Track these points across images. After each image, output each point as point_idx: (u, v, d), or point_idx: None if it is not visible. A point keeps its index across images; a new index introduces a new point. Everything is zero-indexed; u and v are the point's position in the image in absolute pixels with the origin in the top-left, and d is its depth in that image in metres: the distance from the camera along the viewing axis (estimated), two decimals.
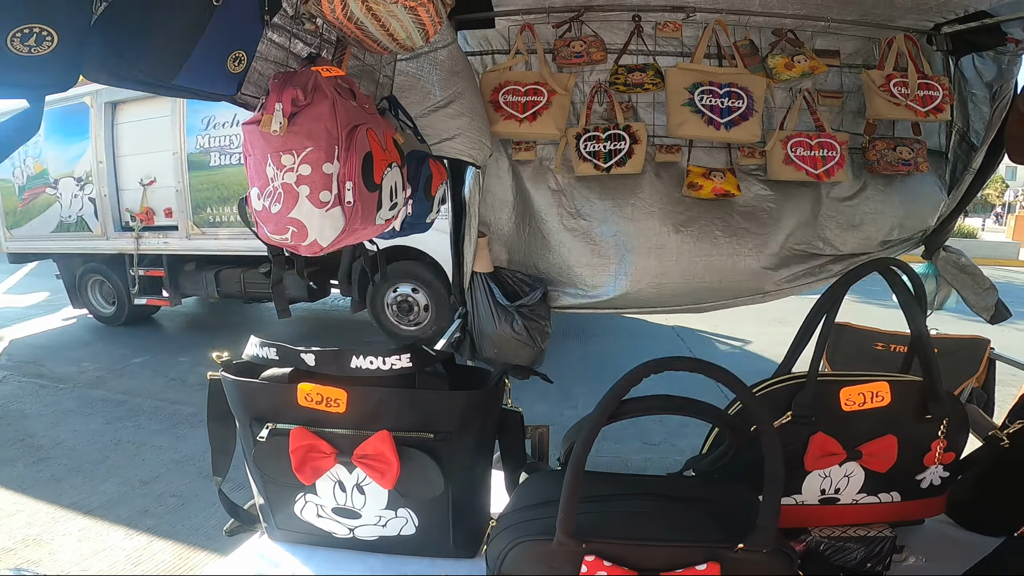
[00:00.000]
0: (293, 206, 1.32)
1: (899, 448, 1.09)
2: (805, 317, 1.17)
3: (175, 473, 4.04)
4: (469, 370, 1.29)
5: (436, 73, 2.29)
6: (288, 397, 1.10)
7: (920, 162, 2.53)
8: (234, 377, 1.14)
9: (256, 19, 1.17)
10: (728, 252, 2.59)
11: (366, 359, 1.12)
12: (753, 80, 2.47)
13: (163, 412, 5.02)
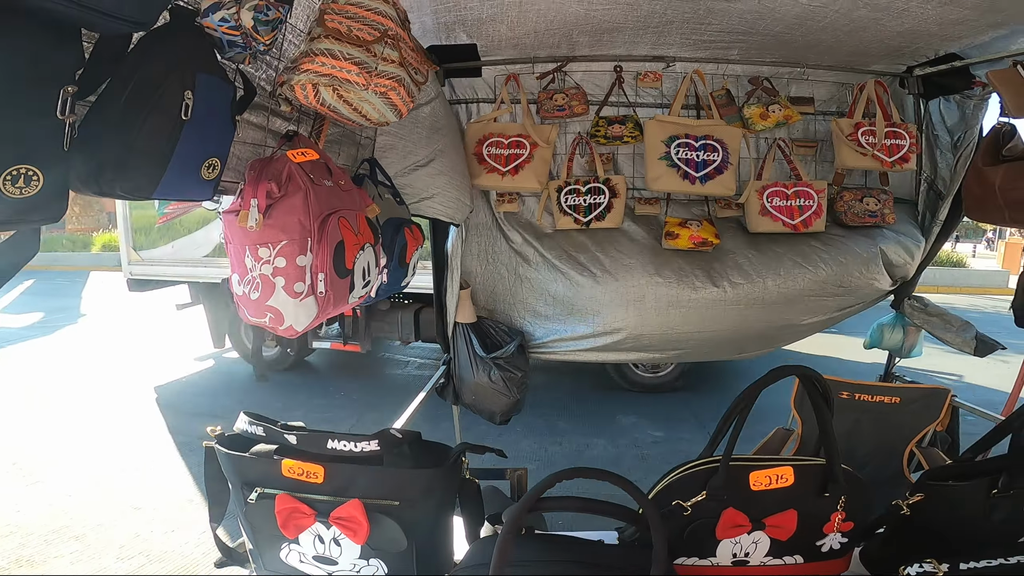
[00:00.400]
0: (270, 295, 1.40)
1: (800, 520, 1.23)
2: (727, 410, 1.30)
3: (167, 500, 4.07)
4: (433, 447, 1.41)
5: (417, 131, 2.32)
6: (274, 469, 1.23)
7: (887, 213, 2.57)
8: (226, 450, 1.27)
9: (227, 125, 1.19)
10: (709, 303, 2.58)
11: (340, 442, 1.25)
12: (729, 132, 2.51)
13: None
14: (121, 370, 7.07)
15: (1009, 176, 2.08)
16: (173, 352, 7.83)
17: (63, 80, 0.88)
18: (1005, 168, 2.10)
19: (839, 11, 2.02)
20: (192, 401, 5.84)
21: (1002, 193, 2.09)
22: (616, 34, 2.39)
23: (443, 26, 2.30)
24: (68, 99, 0.88)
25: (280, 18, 1.17)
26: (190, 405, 5.74)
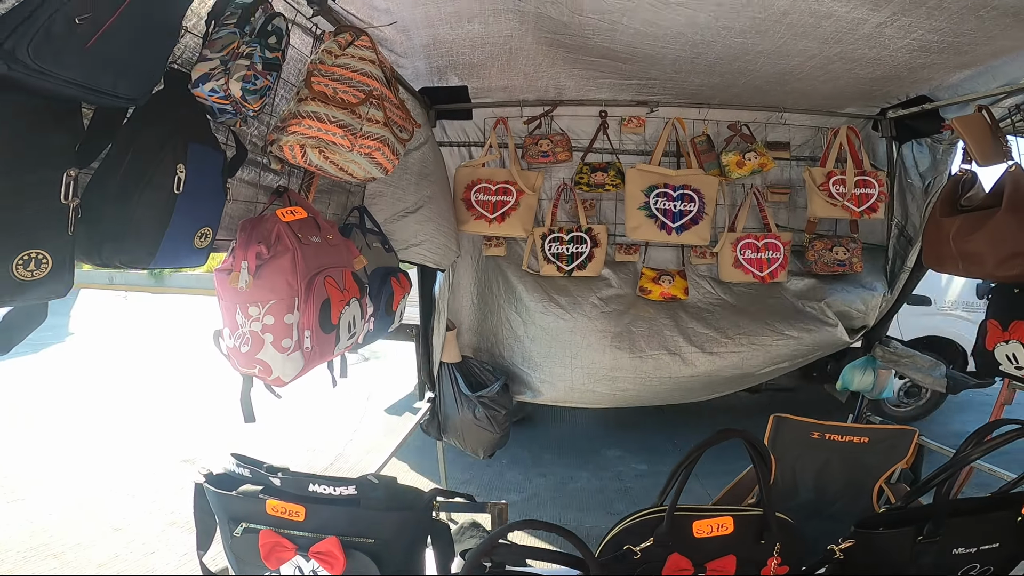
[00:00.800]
0: (259, 349, 1.43)
1: (739, 564, 1.31)
2: (676, 464, 1.37)
3: (149, 522, 4.02)
4: (407, 491, 1.47)
5: (407, 177, 2.36)
6: (258, 507, 1.31)
7: (855, 262, 2.64)
8: (215, 489, 1.34)
9: (218, 194, 1.22)
10: (677, 351, 2.67)
11: (320, 486, 1.33)
12: (706, 181, 2.58)
13: None
14: (107, 390, 6.96)
15: (964, 228, 2.10)
16: (161, 371, 7.74)
17: (65, 161, 0.92)
18: (961, 219, 2.13)
19: (815, 65, 2.11)
20: (178, 423, 5.77)
21: (956, 244, 2.12)
22: (602, 81, 2.46)
23: (435, 69, 2.36)
24: (71, 183, 0.91)
25: (268, 86, 1.20)
26: (175, 427, 5.66)
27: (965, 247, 2.08)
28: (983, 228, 1.99)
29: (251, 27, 1.15)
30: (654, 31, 1.91)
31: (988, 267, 2.01)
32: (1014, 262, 1.92)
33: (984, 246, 1.99)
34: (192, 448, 5.04)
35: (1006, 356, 2.11)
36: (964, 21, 1.69)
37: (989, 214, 1.99)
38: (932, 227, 2.28)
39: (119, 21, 0.88)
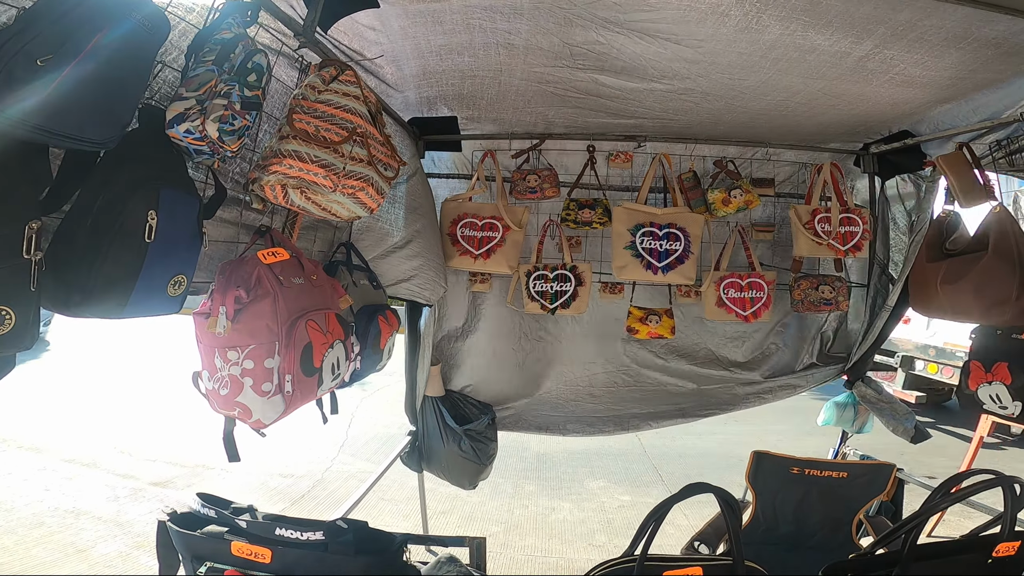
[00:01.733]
0: (239, 393, 1.34)
1: None
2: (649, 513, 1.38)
3: (114, 546, 3.80)
4: (378, 535, 1.44)
5: (394, 211, 2.27)
6: (223, 548, 1.29)
7: (840, 300, 2.60)
8: (178, 528, 1.31)
9: (193, 240, 1.12)
10: (660, 381, 2.66)
11: (287, 530, 1.31)
12: (691, 219, 2.53)
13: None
14: (81, 407, 6.66)
15: (950, 273, 2.07)
16: (139, 388, 7.45)
17: (28, 213, 0.85)
18: (947, 264, 2.11)
19: (800, 101, 2.09)
20: (149, 445, 5.53)
21: (942, 290, 2.08)
22: (591, 118, 2.42)
23: (425, 100, 2.31)
24: (33, 236, 0.84)
25: (247, 125, 1.11)
26: (147, 450, 5.43)
27: (951, 294, 2.05)
28: (969, 274, 1.96)
29: (230, 64, 1.06)
30: (641, 66, 1.88)
31: (975, 314, 1.98)
32: (1002, 308, 1.88)
33: (970, 293, 1.96)
34: (165, 470, 4.81)
35: (990, 396, 2.08)
36: (945, 54, 1.68)
37: (975, 259, 1.96)
38: (918, 272, 2.25)
39: (84, 63, 0.80)
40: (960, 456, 4.12)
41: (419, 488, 3.13)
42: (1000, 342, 2.06)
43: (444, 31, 1.77)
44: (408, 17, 1.70)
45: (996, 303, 1.89)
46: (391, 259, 2.23)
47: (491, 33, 1.77)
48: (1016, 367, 1.97)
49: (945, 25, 1.52)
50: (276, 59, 1.45)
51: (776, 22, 1.56)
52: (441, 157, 2.76)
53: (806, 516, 2.55)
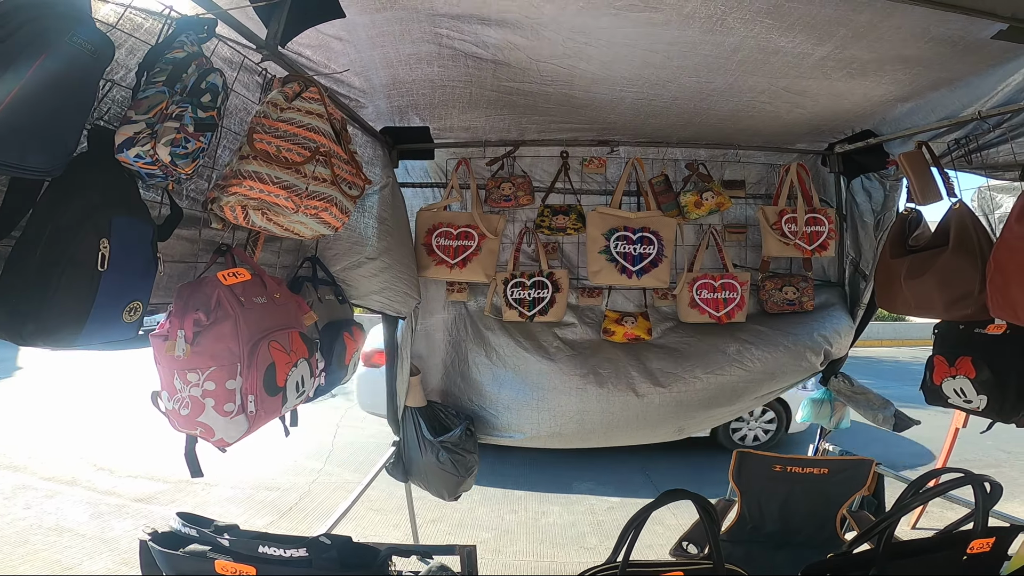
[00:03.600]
0: (200, 413, 1.32)
1: None
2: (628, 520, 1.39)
3: (96, 561, 3.72)
4: (362, 549, 1.43)
5: (364, 221, 2.25)
6: (207, 567, 1.28)
7: (805, 301, 2.62)
8: (160, 548, 1.30)
9: (148, 266, 1.10)
10: (643, 391, 2.60)
11: (270, 548, 1.30)
12: (664, 222, 2.54)
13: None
14: (57, 426, 6.52)
15: (913, 269, 2.09)
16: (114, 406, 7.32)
17: None
18: (910, 260, 2.12)
19: (765, 101, 2.11)
20: (130, 462, 5.44)
21: (907, 285, 2.10)
22: (563, 124, 2.42)
23: (396, 109, 2.29)
24: None
25: (202, 147, 1.09)
26: (128, 466, 5.33)
27: (915, 288, 2.06)
28: (931, 269, 1.98)
29: (182, 85, 1.04)
30: (611, 75, 1.88)
31: (938, 308, 1.99)
32: (964, 303, 1.90)
33: (933, 288, 1.97)
34: (148, 486, 4.73)
35: (954, 390, 2.10)
36: (903, 53, 1.70)
37: (936, 254, 1.98)
38: (883, 268, 2.27)
39: (23, 91, 0.78)
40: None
41: (407, 497, 3.11)
42: (963, 336, 2.08)
43: (412, 40, 1.76)
44: (375, 27, 1.69)
45: (958, 298, 1.91)
46: (361, 271, 2.20)
47: (459, 43, 1.76)
48: (979, 361, 1.99)
49: (904, 25, 1.54)
50: (237, 73, 1.43)
51: (740, 24, 1.56)
52: (415, 166, 2.74)
53: (791, 513, 2.57)
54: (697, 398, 2.63)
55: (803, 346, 2.64)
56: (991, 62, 1.73)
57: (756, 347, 2.64)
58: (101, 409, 7.33)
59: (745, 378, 2.63)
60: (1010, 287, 1.72)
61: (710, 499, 2.56)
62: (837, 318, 2.70)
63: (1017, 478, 5.02)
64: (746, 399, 2.70)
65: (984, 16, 1.46)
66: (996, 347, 1.98)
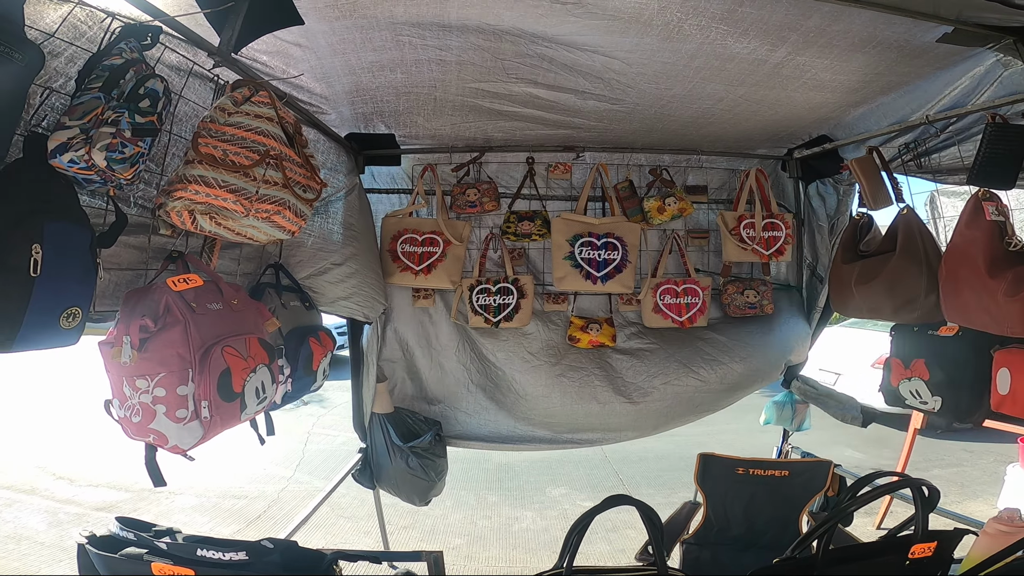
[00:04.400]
0: (152, 420, 1.30)
1: None
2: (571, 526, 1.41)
3: (57, 568, 3.61)
4: (308, 554, 1.43)
5: (328, 227, 2.24)
6: (144, 569, 1.26)
7: (765, 304, 2.67)
8: (96, 550, 1.29)
9: (86, 272, 1.09)
10: (605, 399, 2.64)
11: (209, 551, 1.29)
12: (628, 228, 2.57)
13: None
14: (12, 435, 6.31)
15: (863, 273, 2.13)
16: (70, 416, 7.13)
17: None
18: (860, 265, 2.17)
19: (724, 108, 2.15)
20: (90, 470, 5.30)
21: (858, 290, 2.15)
22: (529, 131, 2.44)
23: (361, 116, 2.28)
24: None
25: (141, 152, 1.08)
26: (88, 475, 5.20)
27: (866, 293, 2.11)
28: (880, 274, 2.03)
29: (119, 91, 1.03)
30: (573, 77, 1.90)
31: (888, 312, 2.05)
32: (912, 306, 1.96)
33: (882, 292, 2.03)
34: (109, 495, 4.63)
35: (910, 392, 2.15)
36: (852, 58, 1.74)
37: (885, 259, 2.04)
38: (835, 273, 2.32)
39: None
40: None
41: (375, 504, 3.09)
42: (917, 339, 2.13)
43: (374, 48, 1.76)
44: (336, 34, 1.69)
45: (906, 301, 1.97)
46: (327, 277, 2.18)
47: (421, 49, 1.76)
48: (932, 363, 2.04)
49: (851, 29, 1.57)
50: (186, 80, 1.42)
51: (697, 31, 1.59)
52: (381, 172, 2.73)
53: (755, 515, 2.61)
54: (657, 406, 2.67)
55: (761, 357, 2.69)
56: (938, 66, 1.78)
57: (715, 359, 2.68)
58: (61, 418, 7.14)
59: (703, 388, 2.68)
60: (961, 291, 1.77)
61: (682, 500, 2.62)
62: (794, 325, 2.75)
63: (979, 477, 5.14)
64: (706, 407, 2.75)
65: (928, 19, 1.50)
66: (948, 349, 2.02)
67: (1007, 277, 1.60)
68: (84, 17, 1.12)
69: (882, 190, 2.11)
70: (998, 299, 1.60)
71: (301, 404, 7.51)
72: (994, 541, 1.57)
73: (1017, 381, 1.73)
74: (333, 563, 1.40)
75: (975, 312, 1.71)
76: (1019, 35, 1.53)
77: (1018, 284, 1.57)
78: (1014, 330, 1.61)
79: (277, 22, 1.56)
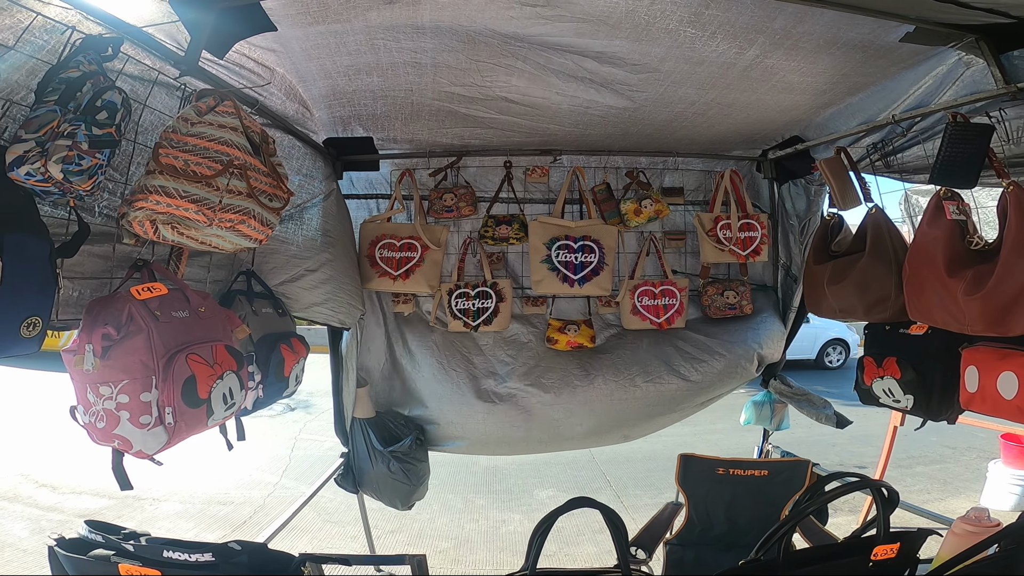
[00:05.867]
0: (116, 426, 1.31)
1: None
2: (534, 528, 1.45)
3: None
4: (277, 556, 1.45)
5: (303, 233, 2.24)
6: (111, 570, 1.31)
7: (744, 305, 2.71)
8: (65, 552, 1.34)
9: (45, 282, 1.09)
10: (586, 400, 2.66)
11: (175, 552, 1.34)
12: (605, 230, 2.60)
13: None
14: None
15: (834, 274, 2.16)
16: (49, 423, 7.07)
17: None
18: (831, 265, 2.20)
19: (697, 112, 2.17)
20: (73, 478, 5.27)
21: (830, 291, 2.17)
22: (506, 136, 2.45)
23: (339, 120, 2.29)
24: None
25: (99, 164, 1.09)
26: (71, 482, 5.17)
27: (837, 293, 2.13)
28: (851, 274, 2.06)
29: (76, 103, 1.05)
30: (547, 77, 1.90)
31: (859, 312, 2.07)
32: (882, 306, 1.99)
33: (853, 292, 2.06)
34: (92, 502, 4.62)
35: (883, 391, 2.18)
36: (819, 59, 1.77)
37: (855, 260, 2.07)
38: (808, 273, 2.35)
39: None
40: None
41: (360, 508, 3.10)
42: (889, 337, 2.16)
43: (349, 52, 1.76)
44: (309, 39, 1.70)
45: (876, 301, 2.00)
46: (302, 283, 2.19)
47: (397, 52, 1.77)
48: (904, 361, 2.06)
49: (816, 31, 1.60)
50: (151, 90, 1.43)
51: (665, 35, 1.61)
52: (359, 177, 2.75)
53: (737, 515, 2.64)
54: (637, 406, 2.70)
55: (738, 355, 2.72)
56: (903, 66, 1.81)
57: (694, 357, 2.72)
58: (43, 425, 7.08)
59: (683, 387, 2.71)
60: (924, 290, 1.80)
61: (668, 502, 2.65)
62: (769, 324, 2.78)
63: (961, 473, 5.20)
64: (685, 407, 2.78)
65: (890, 18, 1.53)
66: (919, 347, 2.05)
67: (967, 276, 1.63)
68: (47, 28, 1.13)
69: (850, 190, 2.14)
70: (958, 298, 1.64)
71: (288, 410, 7.51)
72: (961, 541, 1.56)
73: (985, 379, 1.75)
74: (301, 565, 1.42)
75: (937, 311, 1.74)
76: (981, 32, 1.57)
77: (978, 283, 1.60)
78: (974, 328, 1.64)
79: (249, 29, 1.58)
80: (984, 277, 1.59)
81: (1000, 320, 1.56)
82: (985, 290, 1.57)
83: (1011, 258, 1.55)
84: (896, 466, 4.94)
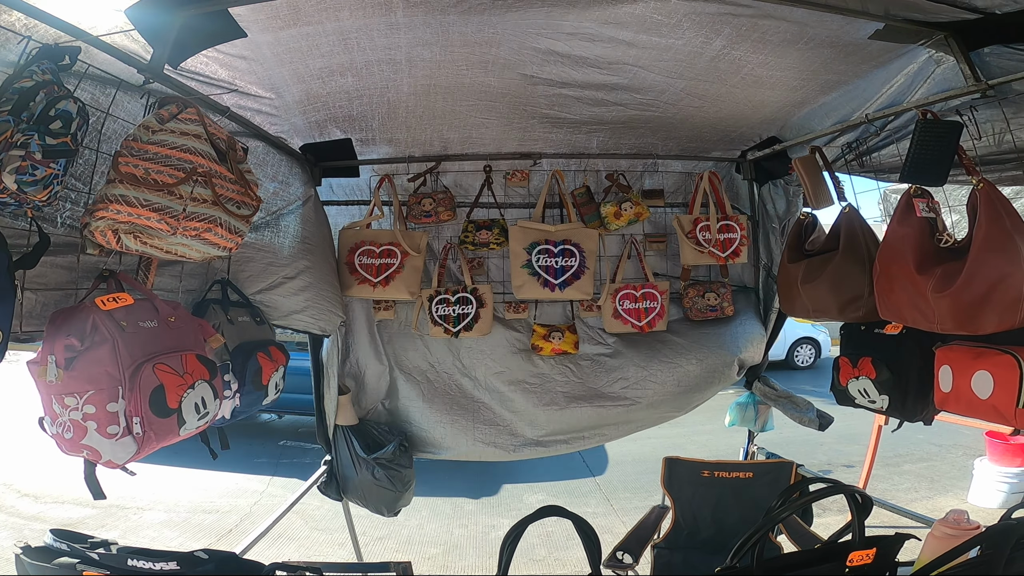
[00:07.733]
0: (83, 436, 1.31)
1: None
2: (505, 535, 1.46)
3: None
4: (246, 565, 1.48)
5: (280, 240, 2.23)
6: None
7: (725, 306, 2.72)
8: (29, 560, 1.35)
9: (5, 294, 1.08)
10: (568, 404, 2.68)
11: (139, 561, 1.36)
12: (586, 234, 2.60)
13: None
14: None
15: (808, 273, 2.15)
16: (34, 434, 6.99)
17: None
18: (805, 264, 2.18)
19: (667, 102, 2.15)
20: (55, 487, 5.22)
21: (803, 290, 2.16)
22: (484, 131, 2.43)
23: (314, 124, 2.27)
24: None
25: (54, 173, 1.08)
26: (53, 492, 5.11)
27: (811, 293, 2.12)
28: (824, 273, 2.05)
29: (29, 113, 1.04)
30: (521, 60, 1.88)
31: (833, 311, 2.07)
32: (856, 305, 1.99)
33: (827, 291, 2.05)
34: (75, 512, 4.58)
35: (858, 391, 2.15)
36: (787, 54, 1.76)
37: (829, 258, 2.06)
38: (782, 273, 2.34)
39: None
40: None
41: (345, 515, 3.10)
42: (864, 337, 2.14)
43: (322, 53, 1.75)
44: (281, 44, 1.69)
45: (850, 300, 1.99)
46: (280, 291, 2.19)
47: (371, 51, 1.76)
48: (879, 362, 2.04)
49: (782, 26, 1.60)
50: (113, 98, 1.43)
51: (631, 19, 1.60)
52: (339, 183, 2.74)
53: (723, 518, 2.65)
54: (619, 409, 2.71)
55: (719, 359, 2.73)
56: (874, 64, 1.81)
57: (675, 362, 2.72)
58: (26, 435, 6.99)
59: (663, 391, 2.73)
60: (894, 288, 1.80)
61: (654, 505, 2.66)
62: (750, 327, 2.79)
63: (948, 471, 5.23)
64: (666, 409, 2.78)
65: (857, 16, 1.53)
66: (894, 347, 2.03)
67: (936, 274, 1.64)
68: (5, 39, 1.13)
69: (824, 189, 2.15)
70: (927, 296, 1.64)
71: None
72: (942, 544, 1.56)
73: (959, 378, 1.73)
74: (273, 572, 1.43)
75: (907, 309, 1.75)
76: (950, 29, 1.57)
77: (947, 281, 1.60)
78: (944, 326, 1.64)
79: (218, 36, 1.57)
80: (953, 275, 1.59)
81: (969, 318, 1.56)
82: (954, 288, 1.57)
83: (980, 255, 1.54)
84: (883, 464, 4.96)
